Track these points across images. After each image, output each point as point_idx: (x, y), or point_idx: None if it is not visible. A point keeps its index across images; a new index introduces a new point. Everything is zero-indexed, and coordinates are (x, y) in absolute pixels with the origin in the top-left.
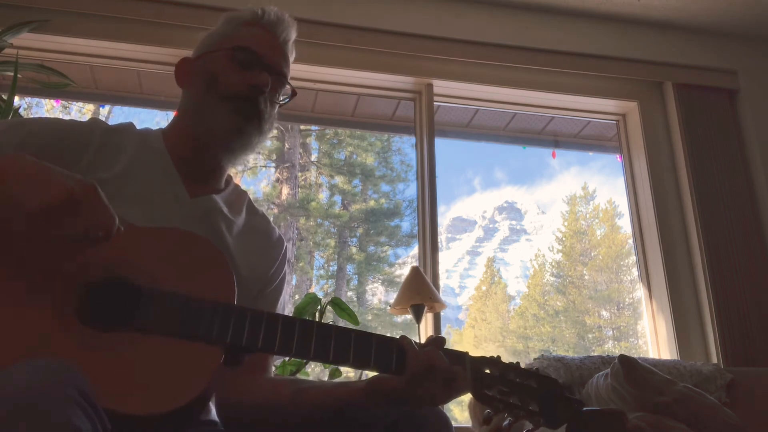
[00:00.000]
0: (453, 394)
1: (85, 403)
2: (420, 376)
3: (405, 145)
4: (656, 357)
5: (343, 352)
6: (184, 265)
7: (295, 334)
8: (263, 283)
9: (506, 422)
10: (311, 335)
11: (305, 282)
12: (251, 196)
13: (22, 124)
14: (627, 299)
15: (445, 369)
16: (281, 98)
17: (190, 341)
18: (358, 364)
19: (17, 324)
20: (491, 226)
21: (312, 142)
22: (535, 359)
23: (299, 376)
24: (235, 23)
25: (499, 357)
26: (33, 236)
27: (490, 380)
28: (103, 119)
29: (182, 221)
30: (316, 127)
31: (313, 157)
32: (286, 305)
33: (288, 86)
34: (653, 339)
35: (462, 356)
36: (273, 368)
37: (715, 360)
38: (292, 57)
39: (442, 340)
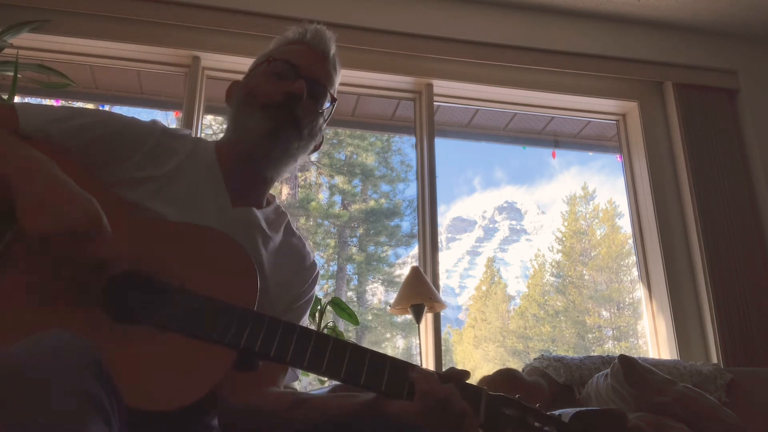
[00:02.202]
0: None
1: (101, 373)
2: (429, 408)
3: (405, 145)
4: (656, 357)
5: (356, 371)
6: (210, 265)
7: (310, 347)
8: (291, 299)
9: None
10: (325, 350)
11: None
12: None
13: (88, 113)
14: (627, 299)
15: (457, 409)
16: (324, 107)
17: (204, 342)
18: (369, 386)
19: (43, 310)
20: (491, 226)
21: None
22: (535, 359)
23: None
24: (278, 43)
25: (519, 398)
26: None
27: (506, 421)
28: None
29: (221, 228)
30: None
31: (313, 157)
32: None
33: (329, 95)
34: (653, 339)
35: (479, 393)
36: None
37: (715, 360)
38: (337, 72)
39: (465, 375)
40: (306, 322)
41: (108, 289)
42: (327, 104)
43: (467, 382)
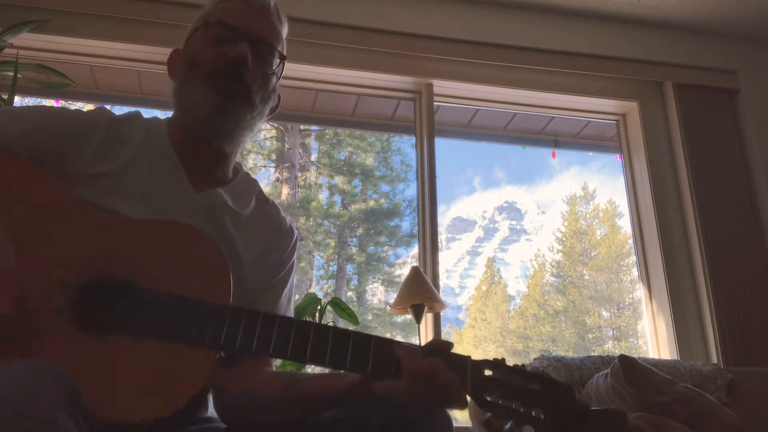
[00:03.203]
0: (448, 407)
1: (71, 405)
2: (417, 385)
3: (405, 145)
4: (656, 357)
5: (341, 357)
6: (179, 262)
7: (291, 337)
8: (270, 274)
9: (508, 425)
10: (307, 337)
11: (305, 282)
12: None
13: (26, 113)
14: (627, 299)
15: (444, 381)
16: (274, 67)
17: (182, 344)
18: (356, 370)
19: (8, 321)
20: (491, 226)
21: (312, 142)
22: (535, 359)
23: None
24: (214, 1)
25: (503, 360)
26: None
27: (492, 384)
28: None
29: (185, 217)
30: (316, 127)
31: (313, 157)
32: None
33: (277, 53)
34: (653, 339)
35: (464, 361)
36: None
37: (715, 360)
38: (282, 23)
39: (448, 346)
40: (290, 293)
41: (79, 299)
42: (277, 62)
43: (453, 353)
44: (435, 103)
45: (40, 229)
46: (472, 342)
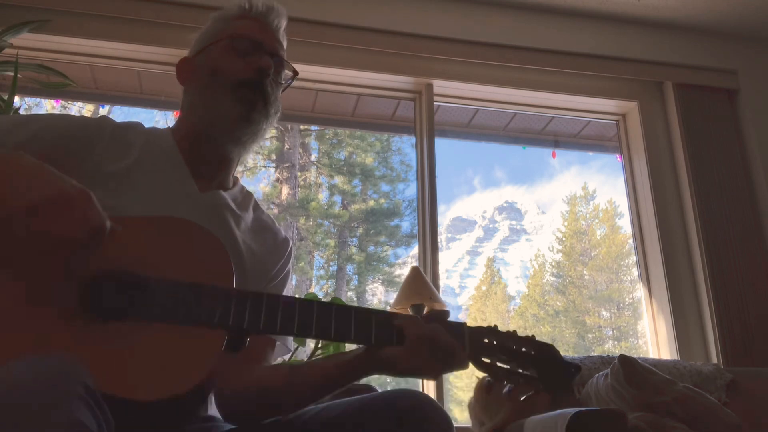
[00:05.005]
0: (451, 369)
1: (90, 398)
2: (420, 349)
3: (405, 145)
4: (656, 357)
5: (345, 330)
6: (182, 252)
7: (296, 314)
8: (266, 279)
9: (506, 389)
10: (312, 314)
11: (305, 282)
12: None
13: (33, 119)
14: (627, 299)
15: (445, 344)
16: (284, 81)
17: (192, 327)
18: (360, 340)
19: (19, 317)
20: (491, 226)
21: (312, 142)
22: None
23: None
24: (225, 19)
25: (496, 326)
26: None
27: (488, 349)
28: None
29: (191, 215)
30: (316, 127)
31: (313, 157)
32: None
33: (287, 69)
34: (653, 339)
35: (460, 328)
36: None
37: (715, 360)
38: (285, 43)
39: (446, 314)
40: None
41: (86, 289)
42: (289, 75)
43: (449, 320)
44: (435, 103)
45: None
46: None
